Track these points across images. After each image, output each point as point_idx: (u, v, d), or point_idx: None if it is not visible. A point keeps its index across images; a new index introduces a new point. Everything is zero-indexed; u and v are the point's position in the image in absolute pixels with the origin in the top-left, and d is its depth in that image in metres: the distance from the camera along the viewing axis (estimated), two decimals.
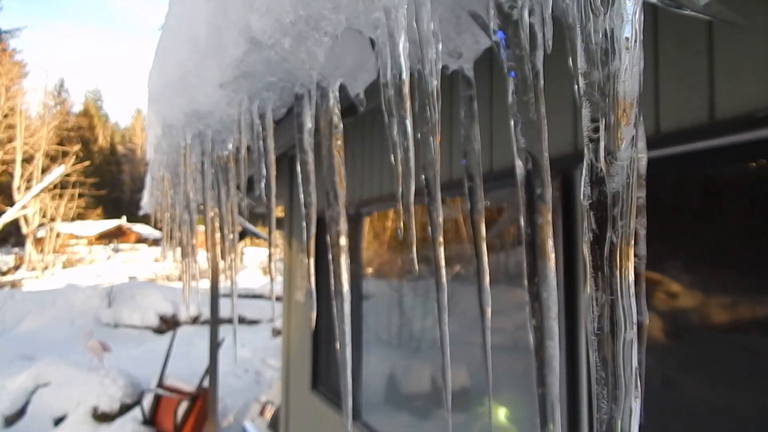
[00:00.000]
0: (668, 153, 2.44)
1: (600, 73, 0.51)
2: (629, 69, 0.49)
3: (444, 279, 1.20)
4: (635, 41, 0.50)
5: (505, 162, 3.34)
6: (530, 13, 0.90)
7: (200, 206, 3.42)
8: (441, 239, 1.19)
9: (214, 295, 8.67)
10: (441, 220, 1.19)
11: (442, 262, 1.19)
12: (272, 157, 2.02)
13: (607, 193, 0.51)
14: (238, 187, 2.68)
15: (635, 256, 0.79)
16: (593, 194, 0.52)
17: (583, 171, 0.53)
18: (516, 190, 0.96)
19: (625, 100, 0.50)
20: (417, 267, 1.10)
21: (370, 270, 6.19)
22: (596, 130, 0.53)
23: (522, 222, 0.95)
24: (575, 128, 2.76)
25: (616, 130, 0.51)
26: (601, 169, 0.52)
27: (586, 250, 0.55)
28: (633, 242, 0.53)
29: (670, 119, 2.39)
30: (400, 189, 1.11)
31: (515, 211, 3.66)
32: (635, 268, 0.64)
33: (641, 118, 0.63)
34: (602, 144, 0.52)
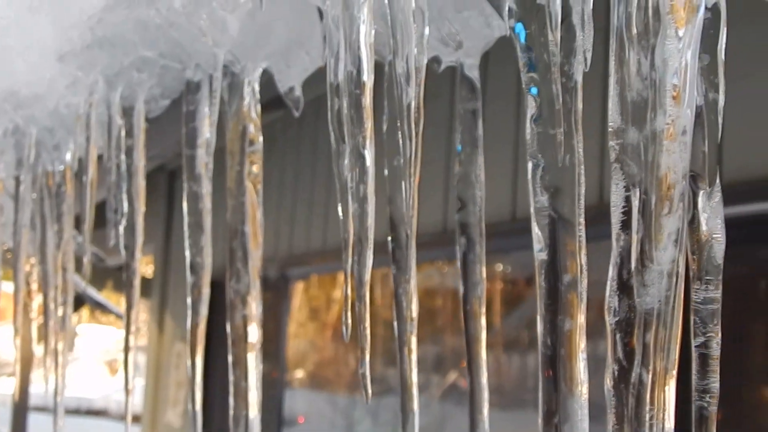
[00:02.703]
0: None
1: (637, 133, 0.60)
2: (676, 130, 0.59)
3: (415, 403, 1.28)
4: (685, 88, 0.59)
5: None
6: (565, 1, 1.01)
7: (7, 253, 3.42)
8: (413, 340, 1.28)
9: (20, 407, 8.56)
10: (415, 306, 1.27)
11: (413, 374, 1.28)
12: (141, 181, 2.10)
13: (637, 309, 0.60)
14: (77, 226, 2.72)
15: (703, 392, 0.87)
16: (621, 309, 0.61)
17: (609, 273, 0.62)
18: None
19: (669, 176, 0.59)
20: (369, 391, 1.17)
21: (299, 374, 6.20)
22: (628, 213, 0.63)
23: (539, 324, 1.04)
24: (601, 167, 2.89)
25: (653, 219, 0.60)
26: (631, 274, 0.61)
27: (609, 384, 0.63)
28: (674, 383, 0.61)
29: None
30: (350, 261, 1.19)
31: None
32: (700, 409, 0.73)
33: (693, 199, 0.72)
34: (635, 237, 0.61)
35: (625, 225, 0.65)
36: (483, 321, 1.37)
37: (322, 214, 5.36)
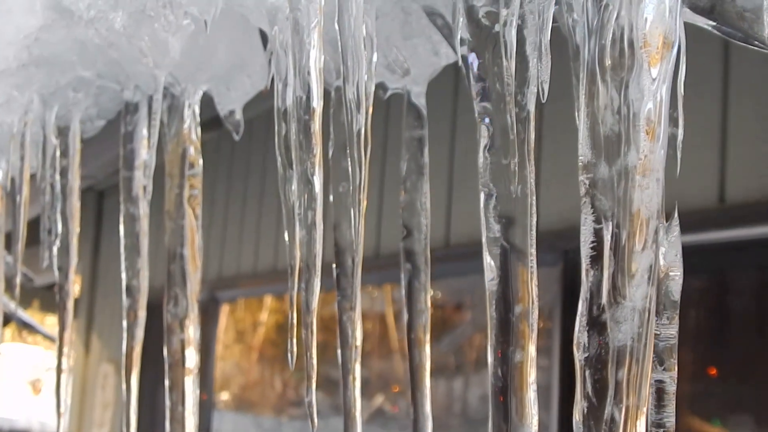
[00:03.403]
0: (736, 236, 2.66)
1: (608, 168, 0.60)
2: (650, 166, 0.58)
3: (359, 429, 1.27)
4: (660, 123, 0.59)
5: (470, 233, 3.47)
6: (519, 30, 1.01)
7: None
8: (357, 367, 1.27)
9: None
10: (359, 334, 1.27)
11: (357, 401, 1.26)
12: (75, 201, 2.06)
13: (609, 346, 0.60)
14: (7, 246, 2.66)
15: (658, 426, 0.88)
16: (591, 345, 0.60)
17: (579, 308, 0.62)
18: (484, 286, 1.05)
19: (641, 211, 0.59)
20: (315, 421, 1.16)
21: (225, 396, 6.15)
22: (598, 248, 0.62)
23: (489, 356, 1.04)
24: None
25: (626, 256, 0.60)
26: (603, 309, 0.60)
27: (577, 419, 0.63)
28: (645, 414, 0.61)
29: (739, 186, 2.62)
30: (295, 289, 1.18)
31: (482, 312, 3.76)
32: None
33: (664, 235, 0.72)
34: (606, 273, 0.60)
35: (594, 260, 0.64)
36: (428, 349, 1.36)
37: (251, 236, 5.34)
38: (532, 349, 1.00)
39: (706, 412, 2.98)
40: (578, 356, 0.65)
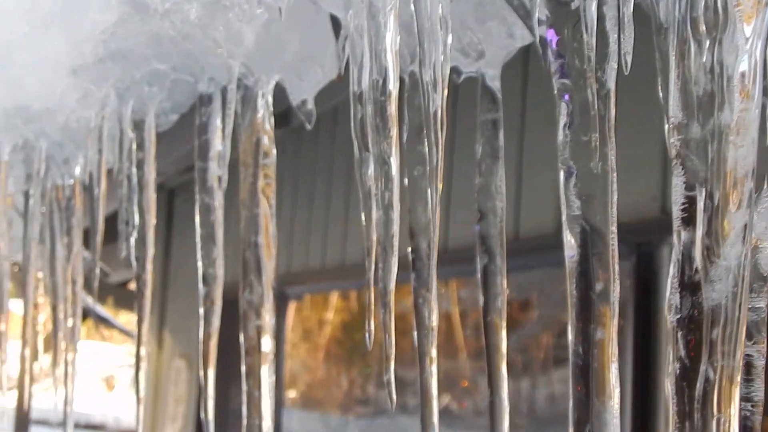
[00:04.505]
0: None
1: (701, 128, 0.59)
2: (745, 125, 0.57)
3: (435, 415, 1.27)
4: (755, 82, 0.58)
5: (539, 226, 3.44)
6: (600, 4, 1.00)
7: (16, 267, 3.39)
8: (433, 350, 1.27)
9: (22, 422, 8.51)
10: (435, 316, 1.26)
11: (434, 385, 1.26)
12: (152, 193, 2.09)
13: (703, 306, 0.59)
14: (86, 241, 2.70)
15: (745, 400, 0.86)
16: (683, 306, 0.59)
17: (671, 271, 0.61)
18: (559, 266, 1.04)
19: (736, 170, 0.58)
20: (394, 398, 1.16)
21: (293, 395, 6.17)
22: (690, 210, 0.61)
23: (569, 334, 1.03)
24: (664, 174, 2.87)
25: (720, 215, 0.59)
26: (697, 271, 0.59)
27: (669, 386, 0.62)
28: (740, 380, 0.60)
29: None
30: (372, 269, 1.18)
31: (554, 309, 3.73)
32: (744, 419, 0.71)
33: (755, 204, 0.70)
34: (699, 233, 0.60)
35: (686, 222, 0.63)
36: (504, 333, 1.35)
37: (320, 231, 5.34)
38: (613, 327, 0.99)
39: None
40: (670, 318, 0.64)
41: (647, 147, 2.92)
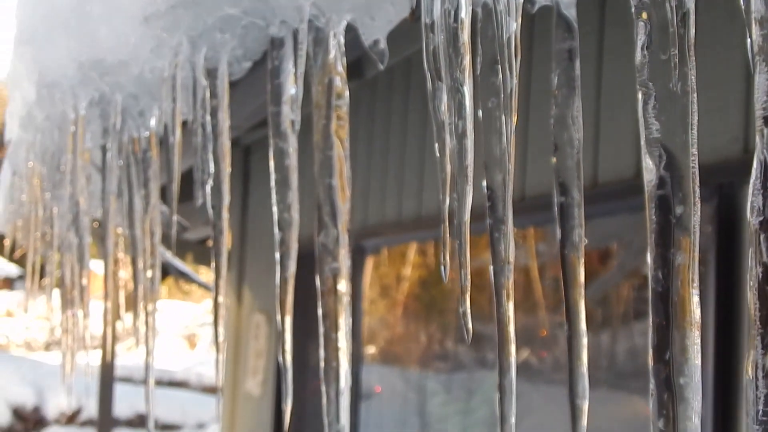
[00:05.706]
0: None
1: None
2: None
3: (513, 358, 1.25)
4: None
5: (616, 167, 3.39)
6: None
7: (96, 223, 3.44)
8: (510, 284, 1.25)
9: (106, 378, 8.69)
10: (512, 250, 1.24)
11: (511, 329, 1.24)
12: (227, 141, 2.09)
13: None
14: (163, 194, 2.73)
15: None
16: (766, 208, 0.57)
17: (753, 171, 0.58)
18: (639, 211, 1.02)
19: None
20: (470, 328, 1.15)
21: (372, 350, 6.20)
22: None
23: (649, 261, 1.00)
24: (746, 113, 2.81)
25: None
26: None
27: (752, 296, 0.60)
28: None
29: None
30: (447, 201, 1.17)
31: (631, 257, 3.69)
32: None
33: None
34: None
35: None
36: (581, 268, 1.33)
37: (395, 185, 5.33)
38: (695, 251, 0.97)
39: None
40: (752, 221, 0.62)
41: (728, 86, 2.86)
